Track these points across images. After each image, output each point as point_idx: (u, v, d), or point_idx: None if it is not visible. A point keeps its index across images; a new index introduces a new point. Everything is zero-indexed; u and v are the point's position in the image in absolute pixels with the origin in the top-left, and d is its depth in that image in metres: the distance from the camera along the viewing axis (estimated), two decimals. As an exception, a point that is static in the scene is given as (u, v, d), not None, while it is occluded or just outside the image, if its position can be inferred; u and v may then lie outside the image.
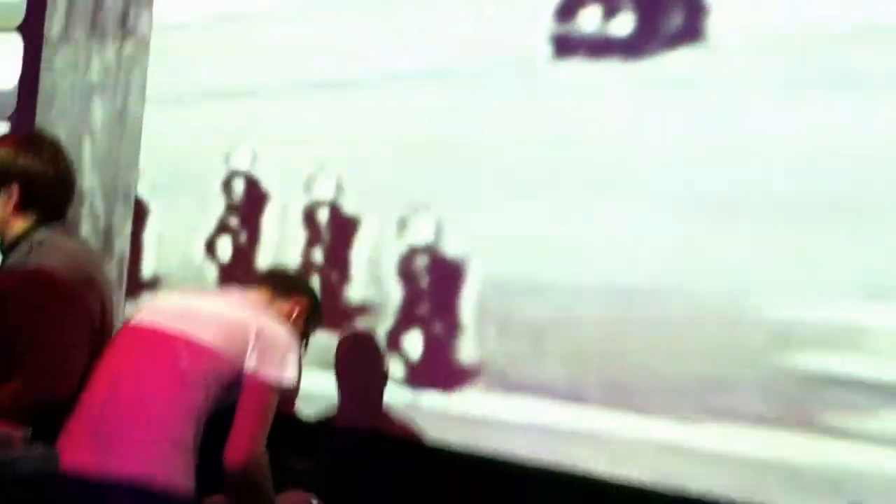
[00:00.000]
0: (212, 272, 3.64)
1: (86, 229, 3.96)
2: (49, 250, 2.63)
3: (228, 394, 2.58)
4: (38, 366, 2.53)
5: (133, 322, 2.70)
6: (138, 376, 2.54)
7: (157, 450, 2.47)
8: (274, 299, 2.80)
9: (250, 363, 2.55)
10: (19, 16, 4.28)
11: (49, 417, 2.48)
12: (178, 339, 2.57)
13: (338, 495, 3.01)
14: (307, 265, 3.40)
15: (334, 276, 3.32)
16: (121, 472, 2.42)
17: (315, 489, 2.93)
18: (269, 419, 2.56)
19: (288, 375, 2.60)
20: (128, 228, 3.91)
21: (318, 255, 3.39)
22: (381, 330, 3.24)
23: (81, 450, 2.45)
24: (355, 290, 3.31)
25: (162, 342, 2.58)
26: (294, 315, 2.81)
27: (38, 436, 2.12)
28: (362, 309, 3.29)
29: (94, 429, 2.49)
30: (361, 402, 3.30)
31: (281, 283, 2.90)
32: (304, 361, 2.72)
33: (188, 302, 2.75)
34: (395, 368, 3.19)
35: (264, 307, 2.73)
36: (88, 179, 4.00)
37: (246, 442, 2.52)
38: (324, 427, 3.29)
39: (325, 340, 3.17)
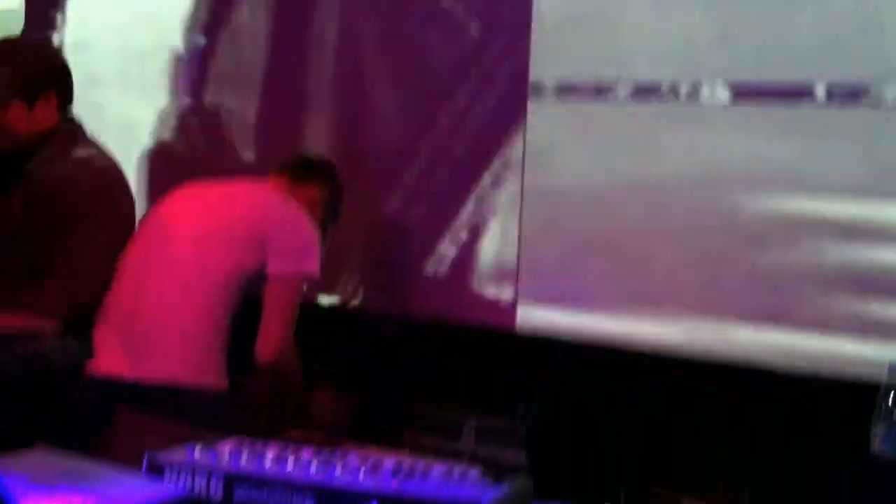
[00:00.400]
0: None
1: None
2: (83, 154, 2.65)
3: (254, 285, 2.57)
4: (73, 268, 2.56)
5: (153, 219, 2.69)
6: (162, 279, 2.54)
7: (187, 356, 2.49)
8: (292, 186, 2.75)
9: (273, 258, 2.54)
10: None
11: (79, 316, 2.52)
12: (198, 237, 2.56)
13: (362, 382, 3.07)
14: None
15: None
16: (153, 378, 2.45)
17: (340, 378, 3.00)
18: (295, 312, 2.57)
19: (311, 267, 2.59)
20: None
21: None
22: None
23: (113, 355, 2.48)
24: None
25: (183, 241, 2.56)
26: (314, 202, 2.77)
27: (68, 332, 2.16)
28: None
29: (125, 335, 2.51)
30: (387, 285, 3.32)
31: (299, 170, 2.83)
32: (325, 249, 2.70)
33: (205, 197, 2.69)
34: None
35: (283, 195, 2.69)
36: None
37: (275, 338, 2.53)
38: (347, 313, 3.33)
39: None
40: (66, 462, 1.60)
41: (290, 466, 1.54)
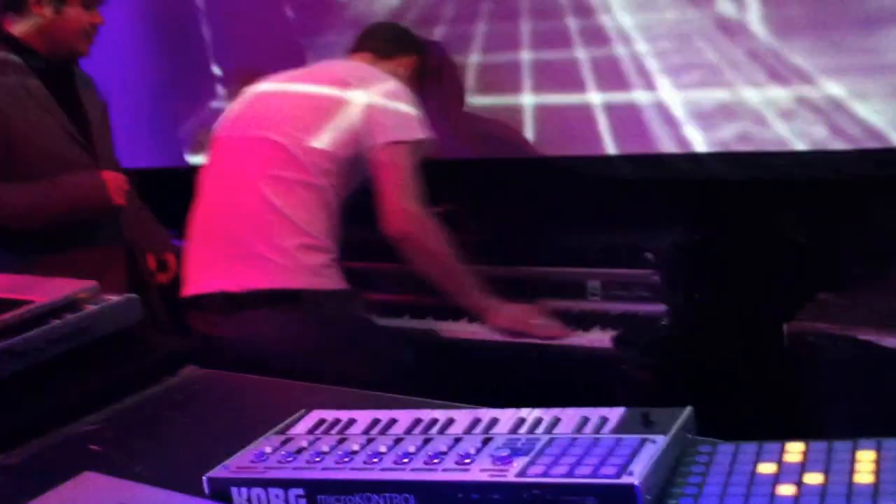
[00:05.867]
0: None
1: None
2: None
3: (361, 173, 2.36)
4: None
5: (229, 123, 2.47)
6: (254, 196, 2.33)
7: (299, 271, 2.31)
8: (376, 62, 2.50)
9: (371, 138, 2.31)
10: None
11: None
12: (286, 126, 2.35)
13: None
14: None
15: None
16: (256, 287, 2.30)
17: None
18: (413, 179, 2.30)
19: (415, 129, 2.34)
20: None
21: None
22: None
23: (213, 274, 2.35)
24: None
25: (268, 134, 2.35)
26: (402, 76, 2.51)
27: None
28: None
29: (222, 255, 2.36)
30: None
31: (381, 44, 2.56)
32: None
33: (278, 99, 2.44)
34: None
35: (367, 71, 2.44)
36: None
37: (397, 207, 2.28)
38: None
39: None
40: (119, 491, 1.31)
41: (382, 453, 1.22)
